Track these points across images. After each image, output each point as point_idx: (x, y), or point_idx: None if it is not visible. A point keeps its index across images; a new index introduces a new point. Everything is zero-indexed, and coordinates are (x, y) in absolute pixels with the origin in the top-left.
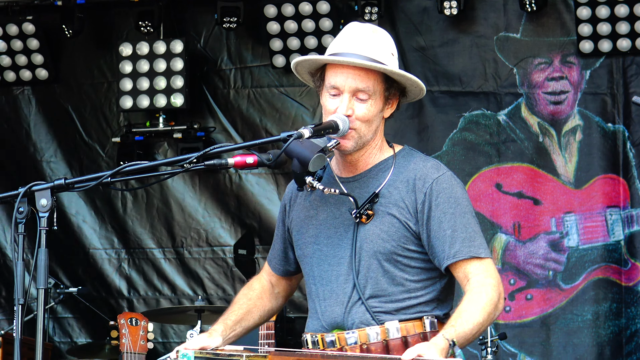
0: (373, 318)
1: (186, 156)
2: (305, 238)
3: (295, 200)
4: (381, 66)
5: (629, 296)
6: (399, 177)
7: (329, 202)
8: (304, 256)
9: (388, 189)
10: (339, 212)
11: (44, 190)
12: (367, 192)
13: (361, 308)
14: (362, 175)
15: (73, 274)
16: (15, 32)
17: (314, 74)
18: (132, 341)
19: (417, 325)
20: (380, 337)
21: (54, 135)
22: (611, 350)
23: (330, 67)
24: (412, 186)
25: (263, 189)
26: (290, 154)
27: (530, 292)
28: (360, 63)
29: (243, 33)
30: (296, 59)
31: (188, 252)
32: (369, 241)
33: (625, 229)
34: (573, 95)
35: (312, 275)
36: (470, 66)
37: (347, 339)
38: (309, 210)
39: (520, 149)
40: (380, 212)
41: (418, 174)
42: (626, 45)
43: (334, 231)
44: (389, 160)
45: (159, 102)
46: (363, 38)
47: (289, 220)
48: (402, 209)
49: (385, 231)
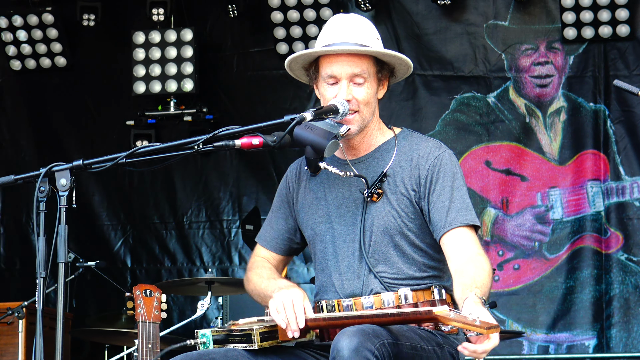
0: (386, 288)
1: (196, 138)
2: (315, 218)
3: (299, 184)
4: (373, 49)
5: (608, 263)
6: (402, 156)
7: (336, 184)
8: (315, 235)
9: (394, 168)
10: (348, 192)
11: (64, 171)
12: (374, 173)
13: (376, 280)
14: (366, 156)
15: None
16: (35, 22)
17: (308, 68)
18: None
19: (427, 294)
20: (394, 303)
21: (71, 119)
22: (592, 314)
23: (325, 59)
24: (416, 164)
25: (260, 165)
26: (303, 141)
27: (518, 263)
28: (354, 49)
29: (247, 21)
30: (290, 57)
31: (188, 225)
32: (380, 217)
33: (605, 200)
34: (558, 79)
35: (326, 252)
36: (462, 52)
37: (363, 304)
38: (315, 192)
39: (508, 129)
40: (389, 190)
41: (421, 153)
42: (607, 32)
43: (346, 210)
44: (390, 141)
45: (170, 88)
46: (349, 27)
47: (294, 201)
48: (408, 187)
49: (394, 208)
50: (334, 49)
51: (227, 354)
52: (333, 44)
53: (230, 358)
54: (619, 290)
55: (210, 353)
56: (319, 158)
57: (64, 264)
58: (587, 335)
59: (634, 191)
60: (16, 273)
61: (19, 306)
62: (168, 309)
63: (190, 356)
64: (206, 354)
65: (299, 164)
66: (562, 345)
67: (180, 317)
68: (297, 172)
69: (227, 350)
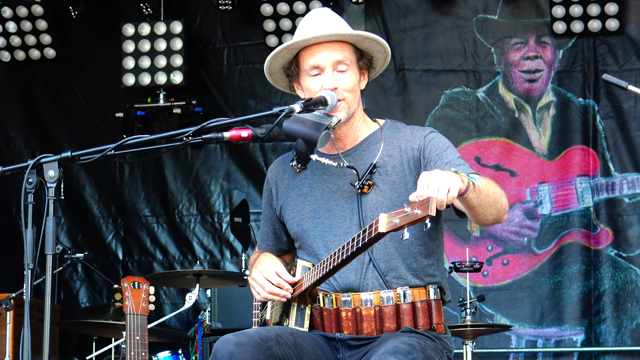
0: (385, 283)
1: (184, 130)
2: (301, 214)
3: (283, 182)
4: (354, 32)
5: (597, 259)
6: (390, 146)
7: (322, 179)
8: (302, 231)
9: (383, 158)
10: (336, 186)
11: (52, 163)
12: (362, 165)
13: (374, 274)
14: (353, 149)
15: (74, 240)
16: (24, 14)
17: (288, 67)
18: (135, 303)
19: (423, 293)
20: (393, 301)
21: (60, 111)
22: (580, 309)
23: (305, 51)
24: (405, 148)
25: (250, 158)
26: (294, 134)
27: (507, 258)
28: (336, 33)
29: (237, 14)
30: (271, 53)
31: (179, 218)
32: (374, 209)
33: (594, 196)
34: (547, 74)
35: (316, 247)
36: (451, 46)
37: (362, 300)
38: (300, 189)
39: (498, 124)
40: (381, 181)
41: (409, 137)
42: (597, 26)
43: (334, 204)
44: (377, 133)
45: (160, 80)
46: (324, 19)
47: (277, 203)
48: (400, 173)
49: (388, 198)
50: (316, 36)
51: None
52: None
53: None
54: (608, 286)
55: (245, 332)
56: (310, 150)
57: (52, 255)
58: (575, 330)
59: (623, 187)
60: (7, 265)
61: (7, 298)
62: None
63: (227, 338)
64: (242, 333)
65: (277, 164)
66: (550, 340)
67: (173, 309)
68: (276, 173)
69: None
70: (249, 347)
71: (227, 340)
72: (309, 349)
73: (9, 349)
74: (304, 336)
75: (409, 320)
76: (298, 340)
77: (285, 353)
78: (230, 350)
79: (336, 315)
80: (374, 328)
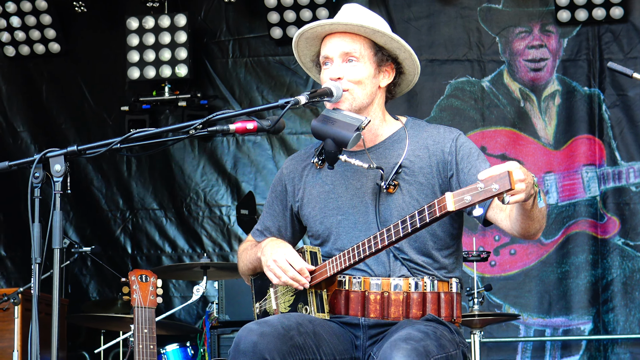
0: (411, 272)
1: (190, 123)
2: (325, 211)
3: (301, 179)
4: (358, 22)
5: (604, 248)
6: (416, 145)
7: (345, 176)
8: (325, 228)
9: (409, 158)
10: (359, 184)
11: (58, 157)
12: (386, 163)
13: (404, 267)
14: (375, 147)
15: (82, 234)
16: (29, 8)
17: (315, 60)
18: (143, 296)
19: (446, 285)
20: (421, 289)
21: (66, 105)
22: (588, 299)
23: (323, 43)
24: (435, 149)
25: (259, 152)
26: (325, 135)
27: (514, 248)
28: (343, 22)
29: (241, 7)
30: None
31: (187, 212)
32: (400, 209)
33: (601, 185)
34: (552, 62)
35: (341, 243)
36: (456, 36)
37: (392, 284)
38: (322, 186)
39: (503, 114)
40: (407, 181)
41: (436, 139)
42: (601, 14)
43: (359, 201)
44: (400, 132)
45: (164, 73)
46: (354, 10)
47: (293, 200)
48: (428, 174)
49: (415, 198)
50: (324, 22)
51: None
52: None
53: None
54: (616, 275)
55: (267, 321)
56: (339, 151)
57: (59, 249)
58: (583, 319)
59: (630, 176)
60: (17, 260)
61: (15, 292)
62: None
63: (250, 328)
64: (264, 322)
65: (295, 160)
66: (558, 329)
67: (183, 302)
68: (293, 169)
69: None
70: (273, 337)
71: (251, 330)
72: (327, 336)
73: (17, 344)
74: (322, 324)
75: (434, 309)
76: (317, 328)
77: (305, 342)
78: (254, 340)
79: (363, 298)
80: (401, 313)
